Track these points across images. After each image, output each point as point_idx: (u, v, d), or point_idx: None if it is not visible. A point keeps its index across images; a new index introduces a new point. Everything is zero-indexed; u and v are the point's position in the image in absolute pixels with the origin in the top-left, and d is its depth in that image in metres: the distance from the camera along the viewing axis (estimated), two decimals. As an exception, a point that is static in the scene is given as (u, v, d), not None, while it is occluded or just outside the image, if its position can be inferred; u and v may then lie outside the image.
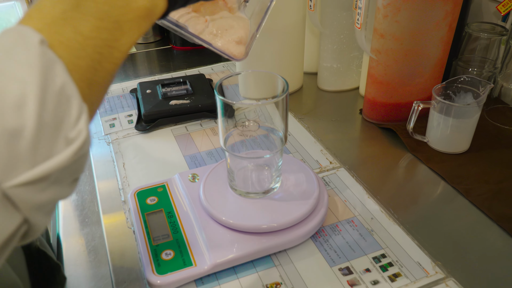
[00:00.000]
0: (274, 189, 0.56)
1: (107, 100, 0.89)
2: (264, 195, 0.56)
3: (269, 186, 0.56)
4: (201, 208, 0.55)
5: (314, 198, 0.55)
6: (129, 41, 0.32)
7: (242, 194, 0.56)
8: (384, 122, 0.77)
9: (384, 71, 0.72)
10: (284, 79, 0.51)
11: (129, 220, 0.59)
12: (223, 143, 0.53)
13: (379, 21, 0.68)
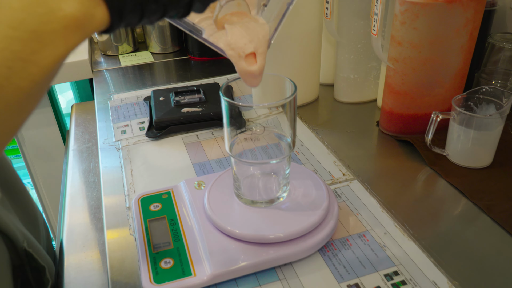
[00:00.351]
0: (281, 198, 0.54)
1: (121, 107, 0.88)
2: (270, 204, 0.53)
3: (276, 195, 0.53)
4: (204, 216, 0.53)
5: (323, 209, 0.52)
6: (51, 54, 0.27)
7: (247, 203, 0.53)
8: (401, 135, 0.74)
9: (401, 81, 0.69)
10: (292, 82, 0.49)
11: (132, 226, 0.57)
12: (228, 148, 0.51)
13: (397, 28, 0.66)
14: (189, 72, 1.10)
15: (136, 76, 1.09)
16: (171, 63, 1.16)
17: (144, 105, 0.88)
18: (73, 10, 0.28)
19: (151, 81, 1.04)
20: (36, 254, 0.48)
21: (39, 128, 1.15)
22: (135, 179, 0.66)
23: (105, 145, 0.76)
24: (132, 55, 1.20)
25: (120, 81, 1.05)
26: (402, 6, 0.64)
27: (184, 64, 1.15)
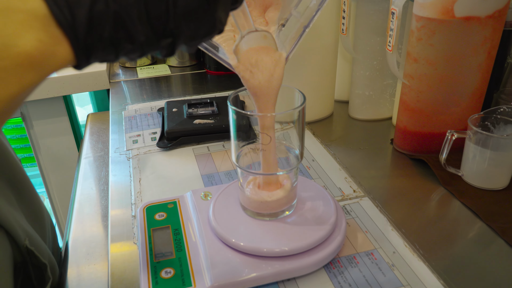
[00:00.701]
0: (287, 212, 0.53)
1: (134, 118, 0.89)
2: (275, 217, 0.52)
3: (283, 208, 0.52)
4: (208, 227, 0.52)
5: (330, 224, 0.51)
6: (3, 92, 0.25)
7: (253, 215, 0.52)
8: (415, 153, 0.72)
9: (416, 98, 0.68)
10: (301, 92, 0.49)
11: (136, 235, 0.56)
12: (235, 159, 0.50)
13: (413, 44, 0.65)
14: (205, 85, 1.11)
15: (152, 88, 1.09)
16: (188, 76, 1.17)
17: (158, 116, 0.89)
18: (28, 48, 0.26)
19: (167, 93, 1.04)
20: (38, 252, 0.48)
21: (55, 137, 1.16)
22: (143, 188, 0.66)
23: (116, 154, 0.76)
24: (149, 67, 1.21)
25: (137, 92, 1.06)
26: (419, 22, 0.63)
27: (201, 77, 1.15)
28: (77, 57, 0.28)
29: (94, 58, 0.29)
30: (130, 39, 0.29)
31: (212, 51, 0.47)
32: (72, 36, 0.27)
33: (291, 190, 0.52)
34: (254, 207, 0.51)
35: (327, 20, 0.78)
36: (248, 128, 0.50)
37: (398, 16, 0.64)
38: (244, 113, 0.46)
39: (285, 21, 0.50)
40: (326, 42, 0.80)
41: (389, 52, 0.67)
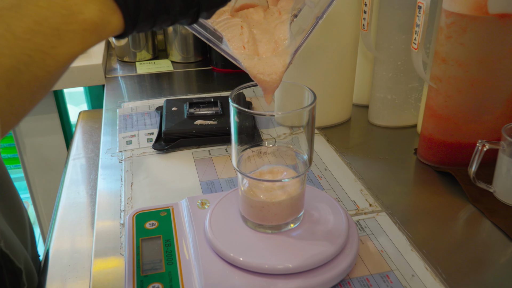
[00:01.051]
0: (291, 225, 0.52)
1: (130, 116, 0.89)
2: (279, 230, 0.51)
3: (287, 220, 0.52)
4: (204, 238, 0.52)
5: (340, 240, 0.50)
6: (68, 51, 0.33)
7: (254, 227, 0.52)
8: (441, 165, 0.71)
9: (444, 103, 0.67)
10: (311, 91, 0.48)
11: (123, 244, 0.56)
12: (235, 163, 0.50)
13: (441, 43, 0.64)
14: (210, 84, 1.11)
15: (152, 85, 1.10)
16: (192, 73, 1.17)
17: (156, 115, 0.89)
18: (92, 15, 0.34)
19: (168, 91, 1.05)
20: (13, 256, 0.48)
21: (43, 136, 1.17)
22: (134, 194, 0.66)
23: (107, 155, 0.76)
24: (150, 62, 1.22)
25: (135, 89, 1.06)
26: (449, 18, 0.62)
27: (206, 75, 1.16)
28: (126, 25, 0.36)
29: (138, 27, 0.37)
30: (167, 10, 0.38)
31: (214, 41, 0.47)
32: (124, 8, 0.36)
33: (297, 199, 0.51)
34: (255, 216, 0.51)
35: (346, 14, 0.78)
36: (252, 131, 0.50)
37: (425, 11, 0.63)
38: (248, 111, 0.46)
39: (298, 11, 0.50)
40: (344, 39, 0.79)
41: (415, 50, 0.66)
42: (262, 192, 0.51)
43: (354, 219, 0.61)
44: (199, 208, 0.57)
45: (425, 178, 0.71)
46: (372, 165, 0.74)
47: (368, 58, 0.89)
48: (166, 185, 0.68)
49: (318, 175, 0.71)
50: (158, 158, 0.75)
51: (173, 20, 0.39)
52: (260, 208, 0.50)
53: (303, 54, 0.79)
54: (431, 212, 0.63)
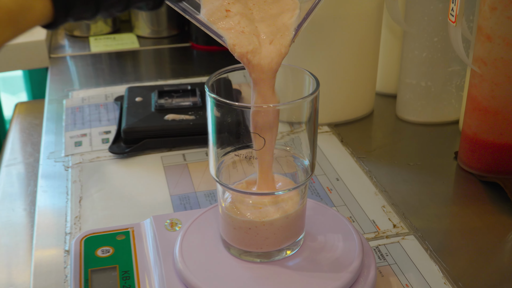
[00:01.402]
0: (288, 252, 0.54)
1: (80, 110, 0.90)
2: (270, 258, 0.53)
3: (282, 245, 0.53)
4: (173, 270, 0.53)
5: (350, 272, 0.52)
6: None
7: (238, 255, 0.53)
8: (489, 174, 0.73)
9: (490, 93, 0.69)
10: (313, 76, 0.50)
11: (67, 277, 0.58)
12: (214, 170, 0.52)
13: (485, 15, 0.66)
14: (189, 65, 1.12)
15: (112, 67, 1.11)
16: (165, 52, 1.19)
17: (114, 107, 0.90)
18: (7, 1, 0.34)
19: (132, 76, 1.06)
20: None
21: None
22: (83, 211, 0.67)
23: (50, 161, 0.78)
24: (108, 37, 1.24)
25: (88, 74, 1.08)
26: (495, -19, 0.64)
27: (183, 54, 1.17)
28: (55, 11, 0.36)
29: (73, 13, 0.37)
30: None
31: (191, 12, 0.49)
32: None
33: (295, 218, 0.53)
34: (240, 240, 0.53)
35: (366, -26, 0.80)
36: (236, 128, 0.51)
37: (465, -28, 0.65)
38: (228, 103, 0.47)
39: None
40: (364, 8, 0.81)
41: (452, 24, 0.68)
42: (249, 209, 0.52)
43: (373, 244, 0.62)
44: (167, 230, 0.58)
45: (467, 191, 0.72)
46: (400, 174, 0.76)
47: (395, 34, 0.91)
48: (126, 201, 0.69)
49: (327, 186, 0.73)
50: (116, 165, 0.76)
51: (126, 4, 0.39)
52: (246, 229, 0.52)
53: (310, 28, 0.80)
54: (473, 235, 0.65)
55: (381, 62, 0.92)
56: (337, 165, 0.77)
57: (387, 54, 0.93)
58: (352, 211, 0.68)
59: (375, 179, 0.74)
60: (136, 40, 1.23)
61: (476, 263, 0.61)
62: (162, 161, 0.77)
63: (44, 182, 0.74)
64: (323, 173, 0.75)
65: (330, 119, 0.87)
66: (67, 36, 1.26)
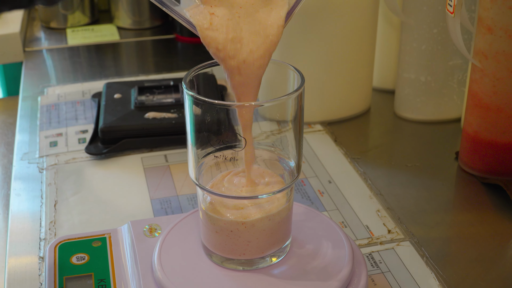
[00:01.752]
0: (273, 259, 0.55)
1: (55, 107, 0.91)
2: (253, 266, 0.54)
3: (266, 252, 0.55)
4: (151, 278, 0.54)
5: (338, 281, 0.53)
6: None
7: (220, 262, 0.55)
8: (490, 175, 0.74)
9: (492, 89, 0.70)
10: (298, 71, 0.51)
11: (42, 285, 0.59)
12: (193, 173, 0.53)
13: (485, 6, 0.67)
14: (173, 59, 1.14)
15: (90, 61, 1.12)
16: (147, 45, 1.20)
17: (92, 105, 0.91)
18: None
19: (112, 71, 1.07)
20: None
21: None
22: (59, 216, 0.69)
23: (23, 162, 0.79)
24: (87, 29, 1.25)
25: (64, 68, 1.09)
26: (496, -31, 0.65)
27: (167, 46, 1.18)
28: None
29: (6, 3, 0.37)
30: None
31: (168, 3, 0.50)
32: None
33: (280, 222, 0.54)
34: (222, 246, 0.54)
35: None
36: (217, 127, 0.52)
37: (463, -40, 0.66)
38: (206, 101, 0.48)
39: None
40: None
41: (450, 15, 0.69)
42: (229, 210, 0.53)
43: (366, 251, 0.63)
44: (146, 236, 0.60)
45: (468, 194, 0.74)
46: (397, 175, 0.77)
47: (393, 24, 0.92)
48: (104, 205, 0.70)
49: (319, 190, 0.74)
50: (94, 166, 0.78)
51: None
52: (228, 232, 0.53)
53: (302, 19, 0.81)
54: (472, 242, 0.66)
55: (378, 56, 0.93)
56: (329, 166, 0.79)
57: (384, 47, 0.94)
58: (345, 216, 0.69)
59: (370, 182, 0.76)
60: (116, 31, 1.24)
61: (475, 272, 0.62)
62: (142, 163, 0.78)
63: (17, 185, 0.75)
64: (315, 175, 0.77)
65: (323, 117, 0.88)
66: (43, 28, 1.27)
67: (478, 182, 0.75)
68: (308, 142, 0.83)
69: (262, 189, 0.53)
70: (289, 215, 0.55)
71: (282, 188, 0.53)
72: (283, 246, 0.56)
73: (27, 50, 1.16)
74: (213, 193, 0.53)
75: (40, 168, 0.78)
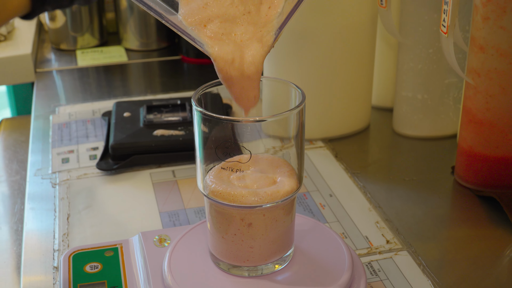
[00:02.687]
0: (276, 266, 0.57)
1: (67, 126, 0.94)
2: (260, 272, 0.57)
3: (269, 259, 0.57)
4: (162, 285, 0.57)
5: (339, 286, 0.55)
6: None
7: (227, 269, 0.57)
8: (484, 188, 0.77)
9: (485, 105, 0.72)
10: (299, 88, 0.54)
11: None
12: (201, 184, 0.55)
13: (477, 26, 0.70)
14: (179, 79, 1.16)
15: (99, 81, 1.15)
16: (154, 66, 1.23)
17: (102, 123, 0.94)
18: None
19: (120, 91, 1.10)
20: None
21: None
22: (72, 228, 0.71)
23: (36, 178, 0.82)
24: (96, 50, 1.27)
25: (75, 88, 1.12)
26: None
27: (173, 67, 1.21)
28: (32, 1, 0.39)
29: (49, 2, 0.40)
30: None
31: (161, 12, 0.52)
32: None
33: (284, 232, 0.56)
34: (228, 252, 0.56)
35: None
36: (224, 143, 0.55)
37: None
38: (214, 116, 0.51)
39: None
40: (358, 19, 0.85)
41: (444, 35, 0.72)
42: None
43: (365, 260, 0.66)
44: (156, 246, 0.62)
45: (463, 206, 0.76)
46: (395, 189, 0.79)
47: (391, 45, 0.94)
48: (114, 217, 0.73)
49: (320, 203, 0.76)
50: (104, 182, 0.80)
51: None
52: (232, 235, 0.55)
53: (301, 38, 0.84)
54: (467, 249, 0.68)
55: (376, 75, 0.96)
56: (330, 181, 0.81)
57: (382, 66, 0.96)
58: (345, 227, 0.71)
59: (369, 195, 0.78)
60: (124, 53, 1.27)
61: (470, 279, 0.64)
62: (151, 178, 0.81)
63: (31, 199, 0.77)
64: (316, 189, 0.79)
65: (324, 134, 0.91)
66: (54, 49, 1.29)
67: (473, 195, 0.77)
68: (310, 157, 0.85)
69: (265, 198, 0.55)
70: (292, 225, 0.57)
71: (284, 199, 0.55)
72: (286, 255, 0.58)
73: (38, 71, 1.18)
74: (219, 202, 0.55)
75: (53, 183, 0.80)
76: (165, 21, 0.52)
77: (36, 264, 0.66)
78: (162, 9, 0.52)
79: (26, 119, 1.12)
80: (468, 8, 0.82)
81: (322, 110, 0.88)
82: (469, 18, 0.82)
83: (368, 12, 0.86)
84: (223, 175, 0.55)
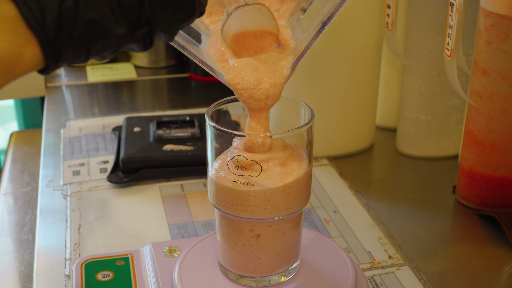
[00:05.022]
0: (283, 277, 0.60)
1: (78, 139, 0.96)
2: (267, 283, 0.59)
3: (276, 270, 0.59)
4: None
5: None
6: None
7: (235, 279, 0.59)
8: (485, 207, 0.79)
9: (487, 126, 0.75)
10: (308, 107, 0.56)
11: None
12: (212, 197, 0.58)
13: (480, 49, 0.72)
14: (187, 96, 1.18)
15: (108, 97, 1.17)
16: (162, 83, 1.25)
17: (112, 137, 0.97)
18: None
19: (129, 106, 1.12)
20: None
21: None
22: (83, 238, 0.73)
23: (48, 189, 0.84)
24: (105, 67, 1.30)
25: (85, 103, 1.14)
26: (488, 19, 0.71)
27: (181, 84, 1.24)
28: (46, 58, 0.40)
29: (64, 58, 0.41)
30: (104, 34, 0.41)
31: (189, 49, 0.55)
32: (41, 35, 0.39)
33: (291, 245, 0.58)
34: (236, 262, 0.58)
35: (366, 9, 0.86)
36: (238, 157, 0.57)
37: (458, 9, 0.71)
38: (226, 131, 0.54)
39: (306, 4, 0.57)
40: (364, 42, 0.87)
41: (448, 58, 0.74)
42: None
43: (368, 274, 0.68)
44: (166, 256, 0.64)
45: (464, 224, 0.78)
46: (398, 207, 0.82)
47: (395, 67, 0.97)
48: (125, 229, 0.75)
49: (324, 218, 0.78)
50: (114, 194, 0.82)
51: (116, 47, 0.43)
52: (241, 246, 0.57)
53: (310, 61, 0.86)
54: (467, 266, 0.70)
55: (381, 96, 0.98)
56: (335, 197, 0.83)
57: (387, 87, 0.98)
58: (349, 242, 0.74)
59: (372, 212, 0.80)
60: (133, 70, 1.29)
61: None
62: (160, 191, 0.83)
63: (43, 210, 0.79)
64: (321, 205, 0.81)
65: (329, 152, 0.93)
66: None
67: (473, 214, 0.79)
68: (315, 174, 0.88)
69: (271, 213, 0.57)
70: (299, 241, 0.60)
71: (292, 213, 0.57)
72: (292, 267, 0.60)
73: (49, 86, 1.21)
74: (227, 214, 0.57)
75: (64, 195, 0.82)
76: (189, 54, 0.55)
77: (48, 272, 0.68)
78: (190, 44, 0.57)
79: (36, 132, 1.14)
80: (472, 32, 0.84)
81: (327, 129, 0.90)
82: (472, 42, 0.84)
83: (374, 35, 0.88)
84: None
